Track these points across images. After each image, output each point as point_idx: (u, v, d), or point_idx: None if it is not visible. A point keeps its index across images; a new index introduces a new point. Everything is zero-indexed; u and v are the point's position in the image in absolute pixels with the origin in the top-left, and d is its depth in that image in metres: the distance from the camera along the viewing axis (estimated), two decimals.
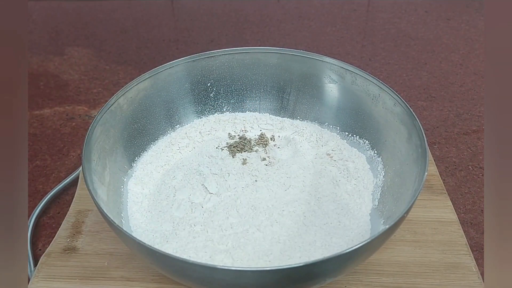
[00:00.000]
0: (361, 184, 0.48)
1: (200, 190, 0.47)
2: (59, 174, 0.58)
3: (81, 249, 0.46)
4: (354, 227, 0.44)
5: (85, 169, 0.41)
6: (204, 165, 0.50)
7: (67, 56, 0.82)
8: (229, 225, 0.44)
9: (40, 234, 0.51)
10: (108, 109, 0.47)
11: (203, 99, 0.56)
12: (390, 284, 0.43)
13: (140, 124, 0.52)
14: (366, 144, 0.51)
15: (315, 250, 0.41)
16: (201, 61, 0.54)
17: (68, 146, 0.62)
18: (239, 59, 0.55)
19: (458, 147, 0.61)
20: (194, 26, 0.90)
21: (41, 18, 0.95)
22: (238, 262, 0.40)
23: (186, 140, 0.54)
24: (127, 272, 0.44)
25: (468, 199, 0.53)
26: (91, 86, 0.74)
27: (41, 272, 0.44)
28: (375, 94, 0.49)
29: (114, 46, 0.85)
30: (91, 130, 0.44)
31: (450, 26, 0.89)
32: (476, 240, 0.49)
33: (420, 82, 0.73)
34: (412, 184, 0.41)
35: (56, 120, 0.67)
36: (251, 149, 0.53)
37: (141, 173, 0.50)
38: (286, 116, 0.57)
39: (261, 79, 0.56)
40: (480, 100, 0.69)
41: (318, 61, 0.53)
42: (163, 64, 0.52)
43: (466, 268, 0.44)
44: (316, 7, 0.97)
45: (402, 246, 0.46)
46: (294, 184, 0.48)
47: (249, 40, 0.86)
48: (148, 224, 0.45)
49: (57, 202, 0.55)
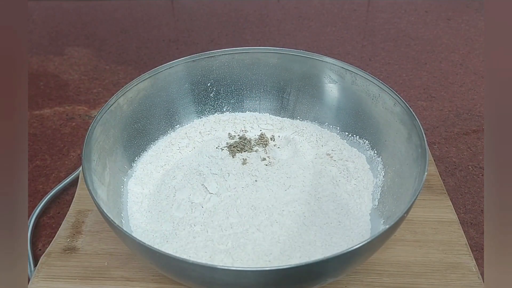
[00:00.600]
0: (361, 184, 0.48)
1: (200, 190, 0.47)
2: (59, 174, 0.58)
3: (81, 249, 0.46)
4: (354, 227, 0.44)
5: (85, 169, 0.41)
6: (204, 165, 0.50)
7: (67, 56, 0.82)
8: (229, 225, 0.44)
9: (40, 234, 0.51)
10: (108, 109, 0.47)
11: (203, 99, 0.56)
12: (390, 284, 0.43)
13: (140, 124, 0.52)
14: (366, 144, 0.51)
15: (315, 250, 0.41)
16: (201, 61, 0.54)
17: (68, 146, 0.62)
18: (239, 59, 0.55)
19: (458, 147, 0.61)
20: (194, 26, 0.90)
21: (41, 18, 0.95)
22: (238, 262, 0.40)
23: (186, 140, 0.54)
24: (127, 272, 0.44)
25: (468, 199, 0.53)
26: (91, 86, 0.74)
27: (41, 272, 0.44)
28: (375, 94, 0.49)
29: (114, 46, 0.85)
30: (91, 130, 0.44)
31: (450, 26, 0.89)
32: (476, 240, 0.49)
33: (420, 82, 0.73)
34: (412, 184, 0.41)
35: (56, 120, 0.67)
36: (251, 149, 0.53)
37: (141, 173, 0.50)
38: (286, 116, 0.57)
39: (261, 79, 0.56)
40: (480, 100, 0.69)
41: (318, 61, 0.53)
42: (163, 64, 0.52)
43: (466, 268, 0.44)
44: (316, 7, 0.97)
45: (403, 246, 0.46)
46: (294, 184, 0.48)
47: (249, 40, 0.86)
48: (148, 224, 0.45)
49: (57, 202, 0.55)
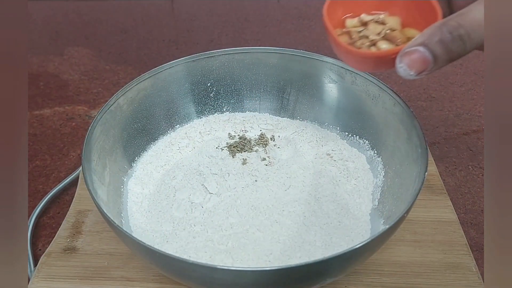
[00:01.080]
0: (361, 184, 0.48)
1: (200, 190, 0.47)
2: (59, 174, 0.58)
3: (81, 249, 0.46)
4: (354, 227, 0.44)
5: (85, 169, 0.41)
6: (204, 165, 0.50)
7: (67, 56, 0.82)
8: (229, 225, 0.44)
9: (40, 234, 0.51)
10: (108, 109, 0.47)
11: (203, 99, 0.56)
12: (390, 284, 0.43)
13: (140, 124, 0.52)
14: (366, 144, 0.51)
15: (315, 250, 0.41)
16: (201, 61, 0.54)
17: (68, 146, 0.62)
18: (239, 59, 0.55)
19: (458, 147, 0.61)
20: (194, 26, 0.90)
21: (41, 18, 0.95)
22: (238, 262, 0.40)
23: (186, 140, 0.54)
24: (127, 272, 0.44)
25: (468, 199, 0.53)
26: (91, 86, 0.74)
27: (41, 272, 0.44)
28: (375, 94, 0.49)
29: (114, 46, 0.85)
30: (91, 130, 0.44)
31: None
32: (476, 240, 0.49)
33: (420, 82, 0.73)
34: (412, 184, 0.41)
35: (56, 120, 0.67)
36: (251, 149, 0.53)
37: (141, 173, 0.50)
38: (286, 116, 0.57)
39: (261, 79, 0.56)
40: (480, 100, 0.69)
41: (318, 61, 0.53)
42: (163, 64, 0.52)
43: (466, 268, 0.44)
44: (316, 7, 0.96)
45: (402, 246, 0.46)
46: (294, 184, 0.48)
47: (249, 40, 0.86)
48: (148, 224, 0.45)
49: (57, 202, 0.55)
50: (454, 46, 0.34)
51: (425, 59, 0.34)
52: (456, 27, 0.33)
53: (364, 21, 0.42)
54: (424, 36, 0.35)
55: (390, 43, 0.40)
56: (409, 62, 0.35)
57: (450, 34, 0.33)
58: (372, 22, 0.42)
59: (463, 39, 0.33)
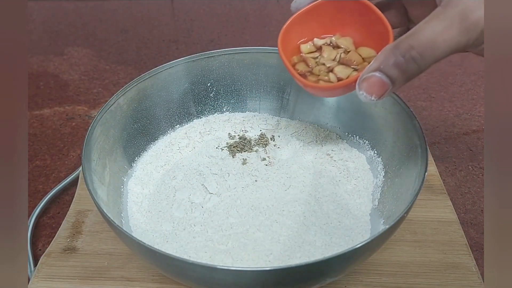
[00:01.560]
0: (361, 184, 0.48)
1: (200, 190, 0.47)
2: (59, 174, 0.58)
3: (81, 249, 0.46)
4: (354, 227, 0.44)
5: (85, 169, 0.41)
6: (204, 165, 0.50)
7: (67, 56, 0.82)
8: (229, 225, 0.44)
9: (40, 234, 0.51)
10: (108, 109, 0.47)
11: (203, 99, 0.56)
12: (390, 284, 0.43)
13: (140, 124, 0.52)
14: (366, 144, 0.51)
15: (315, 250, 0.41)
16: (201, 61, 0.54)
17: (68, 146, 0.62)
18: (239, 59, 0.55)
19: (458, 147, 0.61)
20: (194, 26, 0.90)
21: (41, 18, 0.95)
22: (238, 262, 0.40)
23: (186, 140, 0.54)
24: (127, 272, 0.44)
25: (468, 199, 0.53)
26: (91, 86, 0.74)
27: (41, 272, 0.44)
28: None
29: (114, 46, 0.85)
30: (91, 130, 0.44)
31: None
32: (476, 240, 0.49)
33: (420, 82, 0.73)
34: (412, 184, 0.41)
35: (56, 120, 0.67)
36: (251, 149, 0.53)
37: (141, 173, 0.50)
38: (286, 116, 0.57)
39: (261, 79, 0.56)
40: (480, 100, 0.69)
41: None
42: (163, 64, 0.52)
43: (466, 268, 0.44)
44: None
45: (402, 246, 0.46)
46: (294, 184, 0.48)
47: (249, 40, 0.86)
48: (148, 224, 0.45)
49: (57, 202, 0.55)
50: (408, 67, 0.34)
51: (382, 83, 0.35)
52: (408, 49, 0.34)
53: (317, 45, 0.43)
54: (379, 60, 0.35)
55: (347, 67, 0.40)
56: (368, 88, 0.36)
57: (403, 57, 0.34)
58: (325, 45, 0.43)
59: (416, 61, 0.34)
